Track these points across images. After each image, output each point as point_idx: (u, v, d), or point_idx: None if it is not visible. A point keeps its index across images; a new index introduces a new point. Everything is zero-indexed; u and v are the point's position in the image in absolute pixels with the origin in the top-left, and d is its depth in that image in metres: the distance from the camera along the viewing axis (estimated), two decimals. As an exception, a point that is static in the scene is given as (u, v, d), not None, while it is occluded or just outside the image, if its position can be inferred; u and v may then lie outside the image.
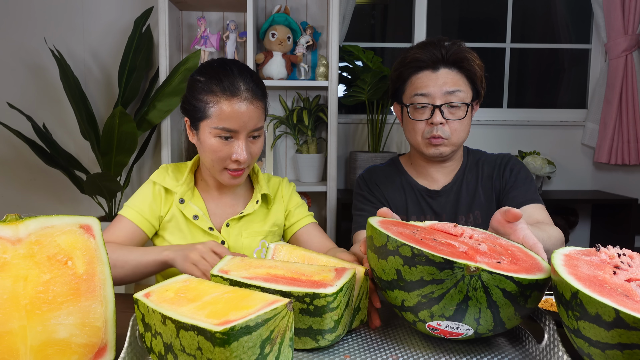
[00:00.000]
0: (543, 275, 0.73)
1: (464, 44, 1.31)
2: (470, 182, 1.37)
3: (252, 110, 1.13)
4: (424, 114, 1.29)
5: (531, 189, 1.33)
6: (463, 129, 1.29)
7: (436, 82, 1.27)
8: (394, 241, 0.75)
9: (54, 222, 0.71)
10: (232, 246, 1.24)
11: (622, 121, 2.72)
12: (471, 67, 1.28)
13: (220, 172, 1.17)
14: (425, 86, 1.28)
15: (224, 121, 1.11)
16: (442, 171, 1.38)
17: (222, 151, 1.13)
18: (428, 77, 1.28)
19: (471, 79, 1.29)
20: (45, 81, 2.65)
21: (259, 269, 0.85)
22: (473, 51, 1.31)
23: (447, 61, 1.27)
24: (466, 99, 1.28)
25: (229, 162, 1.15)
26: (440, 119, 1.26)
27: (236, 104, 1.11)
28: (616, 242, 2.64)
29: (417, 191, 1.39)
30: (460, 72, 1.28)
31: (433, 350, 0.81)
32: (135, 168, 2.68)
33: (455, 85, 1.27)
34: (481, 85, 1.32)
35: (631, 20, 2.64)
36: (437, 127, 1.27)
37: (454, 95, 1.26)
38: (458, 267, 0.70)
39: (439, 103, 1.26)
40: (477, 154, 1.43)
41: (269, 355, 0.65)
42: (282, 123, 2.61)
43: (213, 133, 1.12)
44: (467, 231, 0.90)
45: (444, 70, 1.28)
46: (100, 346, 0.73)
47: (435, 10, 2.88)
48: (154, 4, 2.54)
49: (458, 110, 1.28)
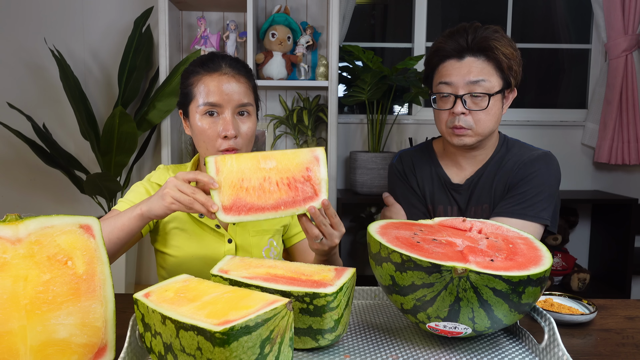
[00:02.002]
0: (538, 270, 0.73)
1: (497, 30, 1.26)
2: (490, 174, 1.32)
3: (235, 85, 1.14)
4: (447, 103, 1.27)
5: (530, 205, 1.24)
6: (489, 118, 1.24)
7: (459, 72, 1.24)
8: (385, 248, 0.78)
9: (54, 222, 0.71)
10: (239, 245, 1.22)
11: (622, 121, 2.72)
12: (497, 56, 1.23)
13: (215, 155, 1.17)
14: (448, 75, 1.25)
15: (208, 96, 1.12)
16: (471, 160, 1.34)
17: (210, 129, 1.12)
18: (452, 66, 1.25)
19: (500, 67, 1.25)
20: (45, 81, 2.65)
21: (259, 269, 0.85)
22: (505, 37, 1.26)
23: (473, 49, 1.24)
24: (492, 89, 1.24)
25: (220, 141, 1.13)
26: (462, 109, 1.23)
27: (217, 78, 1.13)
28: (616, 242, 2.63)
29: (443, 182, 1.37)
30: (487, 61, 1.24)
31: (433, 350, 0.81)
32: (135, 168, 2.68)
33: (480, 74, 1.23)
34: (511, 74, 1.26)
35: (631, 20, 2.63)
36: (459, 117, 1.24)
37: (477, 85, 1.23)
38: (446, 270, 0.72)
39: (461, 93, 1.23)
40: (513, 145, 1.35)
41: (268, 355, 0.65)
42: (282, 123, 2.61)
43: (200, 112, 1.13)
44: (477, 225, 0.90)
45: (469, 58, 1.24)
46: (100, 346, 0.73)
47: (435, 10, 2.88)
48: (154, 4, 2.54)
49: (482, 100, 1.23)
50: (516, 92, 1.32)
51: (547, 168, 1.28)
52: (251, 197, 0.92)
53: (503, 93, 1.27)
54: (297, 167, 0.94)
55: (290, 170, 0.94)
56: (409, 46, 2.90)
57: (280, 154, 0.95)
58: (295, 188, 0.93)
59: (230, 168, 0.93)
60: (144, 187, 1.21)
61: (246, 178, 0.93)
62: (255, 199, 0.92)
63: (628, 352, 0.85)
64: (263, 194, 0.92)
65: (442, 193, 1.37)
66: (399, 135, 2.81)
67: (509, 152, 1.33)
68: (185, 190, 0.93)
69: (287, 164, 0.94)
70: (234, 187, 0.92)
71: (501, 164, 1.32)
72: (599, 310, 1.03)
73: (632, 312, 1.03)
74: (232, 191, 0.92)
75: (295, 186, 0.93)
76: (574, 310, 0.99)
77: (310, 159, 0.95)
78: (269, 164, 0.94)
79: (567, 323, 0.96)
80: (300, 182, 0.93)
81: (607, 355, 0.84)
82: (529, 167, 1.28)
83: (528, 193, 1.25)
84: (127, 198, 1.20)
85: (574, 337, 0.91)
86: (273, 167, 0.94)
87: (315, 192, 0.93)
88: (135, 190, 1.21)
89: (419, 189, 1.40)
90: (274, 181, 0.93)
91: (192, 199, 0.92)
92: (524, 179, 1.27)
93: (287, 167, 0.94)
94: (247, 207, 0.91)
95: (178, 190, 0.93)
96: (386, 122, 2.64)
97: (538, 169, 1.27)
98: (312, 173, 0.94)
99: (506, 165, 1.31)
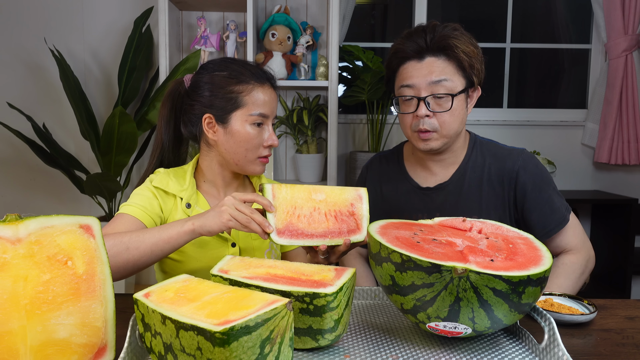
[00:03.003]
0: (539, 270, 0.73)
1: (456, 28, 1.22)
2: (473, 182, 1.27)
3: (275, 96, 1.21)
4: (410, 106, 1.23)
5: (555, 206, 1.24)
6: (454, 119, 1.21)
7: (420, 72, 1.20)
8: (385, 248, 0.78)
9: (54, 222, 0.71)
10: (242, 248, 1.22)
11: (622, 121, 2.72)
12: (457, 54, 1.19)
13: (253, 161, 1.19)
14: (410, 77, 1.21)
15: (260, 107, 1.16)
16: (439, 164, 1.30)
17: (256, 138, 1.17)
18: (413, 67, 1.22)
19: (461, 66, 1.20)
20: (45, 81, 2.65)
21: (259, 269, 0.85)
22: (465, 35, 1.22)
23: (432, 49, 1.20)
24: (455, 89, 1.19)
25: (262, 149, 1.19)
26: (425, 112, 1.19)
27: (267, 90, 1.18)
28: (616, 242, 2.64)
29: (410, 187, 1.33)
30: (448, 60, 1.20)
31: (433, 350, 0.81)
32: (135, 168, 2.68)
33: (441, 74, 1.19)
34: (473, 72, 1.22)
35: (631, 20, 2.63)
36: (423, 120, 1.20)
37: (440, 86, 1.19)
38: (446, 270, 0.71)
39: (423, 95, 1.20)
40: (485, 146, 1.31)
41: (268, 355, 0.65)
42: (282, 123, 2.61)
43: (249, 121, 1.15)
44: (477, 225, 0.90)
45: (430, 59, 1.20)
46: (100, 346, 0.73)
47: (435, 10, 2.88)
48: (154, 4, 2.54)
49: (445, 101, 1.20)
50: (480, 91, 1.28)
51: (529, 163, 1.26)
52: (302, 224, 1.00)
53: (467, 92, 1.23)
54: (343, 202, 1.04)
55: (337, 204, 1.03)
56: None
57: (329, 189, 1.05)
58: (342, 220, 1.02)
59: (285, 196, 1.02)
60: (149, 190, 1.18)
61: (298, 206, 1.02)
62: (305, 226, 1.00)
63: (628, 352, 0.85)
64: (313, 222, 1.01)
65: (410, 198, 1.32)
66: (399, 135, 2.81)
67: (487, 154, 1.29)
68: (243, 210, 0.98)
69: (335, 199, 1.04)
70: (287, 213, 1.01)
71: (484, 168, 1.27)
72: (599, 310, 1.03)
73: (632, 312, 1.03)
74: (285, 216, 1.00)
75: (342, 219, 1.02)
76: (574, 310, 0.99)
77: (354, 196, 1.05)
78: (319, 197, 1.03)
79: (567, 323, 0.96)
80: (345, 216, 1.03)
81: (607, 355, 0.84)
82: (518, 171, 1.25)
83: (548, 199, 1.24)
84: (135, 202, 1.14)
85: (574, 337, 0.91)
86: (322, 199, 1.03)
87: (358, 226, 1.02)
88: (142, 194, 1.17)
89: (381, 195, 1.37)
90: (323, 212, 1.02)
91: (249, 218, 0.97)
92: (527, 185, 1.24)
93: (334, 201, 1.03)
94: (298, 232, 0.99)
95: (236, 209, 0.98)
96: (386, 122, 2.64)
97: (526, 168, 1.25)
98: (355, 209, 1.04)
99: (491, 169, 1.27)
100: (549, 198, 1.25)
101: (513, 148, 1.31)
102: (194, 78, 1.21)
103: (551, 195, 1.25)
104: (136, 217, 1.12)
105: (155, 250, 1.01)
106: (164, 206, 1.19)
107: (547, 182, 1.26)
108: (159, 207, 1.18)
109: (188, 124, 1.21)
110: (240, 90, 1.15)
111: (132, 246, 1.00)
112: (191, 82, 1.21)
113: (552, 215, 1.24)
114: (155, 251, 1.01)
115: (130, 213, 1.12)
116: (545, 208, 1.24)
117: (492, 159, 1.28)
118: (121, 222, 1.11)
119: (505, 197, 1.26)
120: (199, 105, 1.18)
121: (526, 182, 1.24)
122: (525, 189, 1.24)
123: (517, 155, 1.27)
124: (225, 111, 1.16)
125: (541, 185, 1.25)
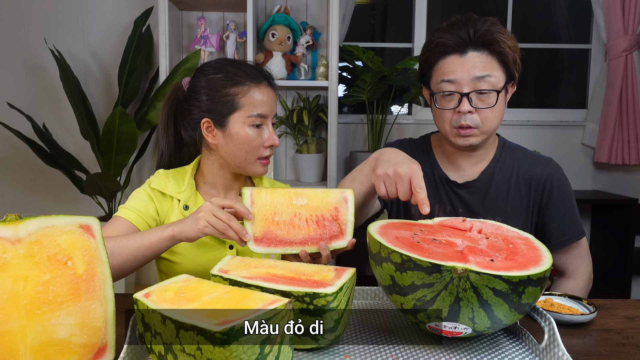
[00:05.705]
0: (539, 270, 0.73)
1: (495, 22, 1.21)
2: (501, 183, 1.26)
3: (273, 95, 1.19)
4: (451, 102, 1.18)
5: (575, 217, 1.26)
6: (495, 116, 1.18)
7: (464, 67, 1.16)
8: (385, 248, 0.78)
9: (54, 222, 0.71)
10: (240, 249, 1.22)
11: (622, 121, 2.72)
12: (502, 49, 1.16)
13: (254, 162, 1.18)
14: (451, 72, 1.17)
15: (257, 107, 1.15)
16: (470, 160, 1.28)
17: (256, 139, 1.16)
18: (455, 61, 1.17)
19: (503, 61, 1.18)
20: (45, 81, 2.65)
21: (259, 269, 0.85)
22: (506, 30, 1.21)
23: (476, 43, 1.17)
24: (497, 84, 1.17)
25: (263, 150, 1.18)
26: (469, 108, 1.16)
27: (264, 89, 1.16)
28: (616, 242, 2.64)
29: (439, 178, 1.30)
30: (491, 55, 1.17)
31: (433, 350, 0.81)
32: (135, 168, 2.68)
33: (485, 69, 1.16)
34: (515, 67, 1.20)
35: (631, 20, 2.63)
36: (465, 116, 1.16)
37: (483, 81, 1.15)
38: (446, 270, 0.72)
39: (466, 90, 1.16)
40: (514, 149, 1.31)
41: (268, 355, 0.65)
42: (282, 123, 2.61)
43: (247, 122, 1.15)
44: (477, 225, 0.90)
45: (472, 53, 1.17)
46: (100, 346, 0.73)
47: (435, 10, 2.88)
48: (154, 4, 2.54)
49: (488, 97, 1.16)
50: (515, 87, 1.27)
51: (559, 174, 1.28)
52: (281, 231, 0.98)
53: (506, 88, 1.21)
54: (327, 206, 1.00)
55: (320, 208, 0.99)
56: (409, 46, 2.90)
57: (312, 192, 1.01)
58: (323, 226, 0.99)
59: (264, 201, 0.99)
60: (146, 193, 1.19)
61: (278, 212, 0.99)
62: (285, 233, 0.98)
63: (628, 352, 0.85)
64: (292, 229, 0.98)
65: (436, 189, 1.30)
66: (399, 135, 2.81)
67: (516, 157, 1.29)
68: (220, 217, 0.96)
69: (318, 203, 1.00)
70: (266, 219, 0.98)
71: (512, 170, 1.27)
72: (599, 310, 1.03)
73: (632, 312, 1.03)
74: (264, 223, 0.98)
75: (324, 224, 0.99)
76: (574, 310, 0.99)
77: (339, 199, 1.00)
78: (300, 201, 1.00)
79: (567, 323, 0.96)
80: (328, 221, 0.99)
81: (607, 355, 0.84)
82: (548, 179, 1.26)
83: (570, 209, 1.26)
84: (131, 205, 1.16)
85: (574, 337, 0.91)
86: (304, 204, 1.00)
87: (341, 232, 0.99)
88: (137, 197, 1.18)
89: None
90: (304, 218, 0.99)
91: (226, 225, 0.96)
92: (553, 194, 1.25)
93: (317, 205, 1.00)
94: (277, 240, 0.97)
95: (213, 215, 0.96)
96: (386, 122, 2.64)
97: (556, 178, 1.26)
98: (340, 213, 0.99)
99: (519, 173, 1.27)
100: (571, 208, 1.26)
101: (541, 155, 1.32)
102: (191, 82, 1.21)
103: (574, 207, 1.27)
104: (129, 221, 1.15)
105: (137, 256, 1.02)
106: (160, 208, 1.19)
107: (571, 195, 1.28)
108: (155, 209, 1.19)
109: (188, 129, 1.22)
110: (236, 92, 1.14)
111: (115, 252, 1.02)
112: (189, 86, 1.21)
113: (572, 226, 1.26)
114: (138, 257, 1.02)
115: (125, 216, 1.15)
116: (566, 217, 1.25)
117: (521, 163, 1.28)
118: (114, 226, 1.14)
119: (531, 201, 1.26)
120: (197, 110, 1.17)
121: (553, 190, 1.25)
122: (551, 196, 1.25)
123: (546, 163, 1.29)
124: (223, 115, 1.15)
125: (566, 196, 1.26)
